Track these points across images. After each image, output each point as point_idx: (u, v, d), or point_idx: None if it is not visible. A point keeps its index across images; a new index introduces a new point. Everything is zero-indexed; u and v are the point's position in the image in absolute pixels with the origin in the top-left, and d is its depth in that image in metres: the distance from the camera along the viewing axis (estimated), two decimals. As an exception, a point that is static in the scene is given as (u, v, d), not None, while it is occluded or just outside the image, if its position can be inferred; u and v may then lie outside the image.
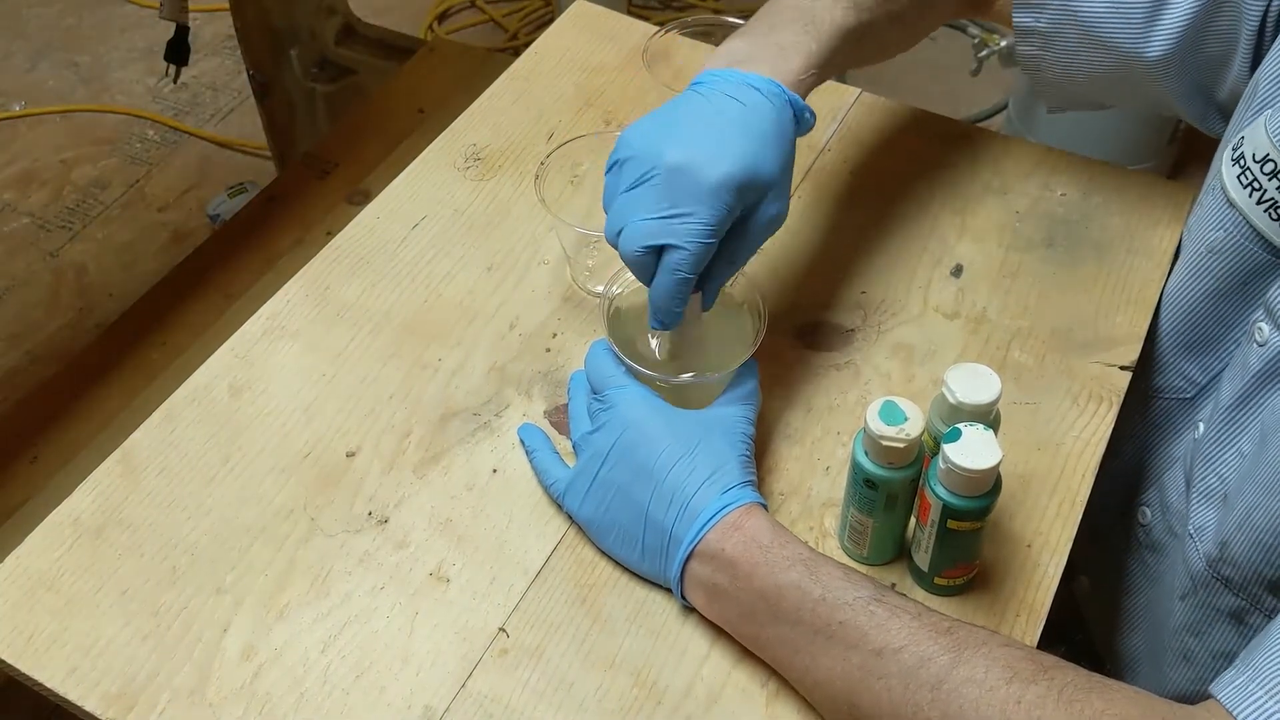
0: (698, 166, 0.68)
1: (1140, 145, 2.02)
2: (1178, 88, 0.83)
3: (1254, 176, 0.74)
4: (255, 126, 2.03)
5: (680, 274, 0.69)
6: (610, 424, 0.71)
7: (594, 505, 0.72)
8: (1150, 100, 0.87)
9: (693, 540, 0.67)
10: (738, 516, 0.67)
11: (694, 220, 0.68)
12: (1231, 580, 0.77)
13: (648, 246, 0.69)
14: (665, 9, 2.55)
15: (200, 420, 0.79)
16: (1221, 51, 0.80)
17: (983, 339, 0.85)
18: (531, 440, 0.77)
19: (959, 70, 2.03)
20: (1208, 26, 0.79)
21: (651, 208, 0.69)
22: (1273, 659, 0.57)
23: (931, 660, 0.59)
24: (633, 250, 0.69)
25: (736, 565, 0.66)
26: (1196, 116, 0.86)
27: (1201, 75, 0.82)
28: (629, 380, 0.73)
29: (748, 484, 0.69)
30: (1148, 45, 0.81)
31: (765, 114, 0.72)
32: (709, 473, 0.68)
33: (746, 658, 0.68)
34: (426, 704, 0.66)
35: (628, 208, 0.70)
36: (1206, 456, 0.79)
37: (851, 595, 0.62)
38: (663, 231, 0.68)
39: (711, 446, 0.70)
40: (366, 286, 0.88)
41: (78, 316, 1.98)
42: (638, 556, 0.70)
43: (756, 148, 0.70)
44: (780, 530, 0.67)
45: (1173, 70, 0.82)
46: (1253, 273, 0.76)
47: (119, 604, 0.70)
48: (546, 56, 1.07)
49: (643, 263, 0.70)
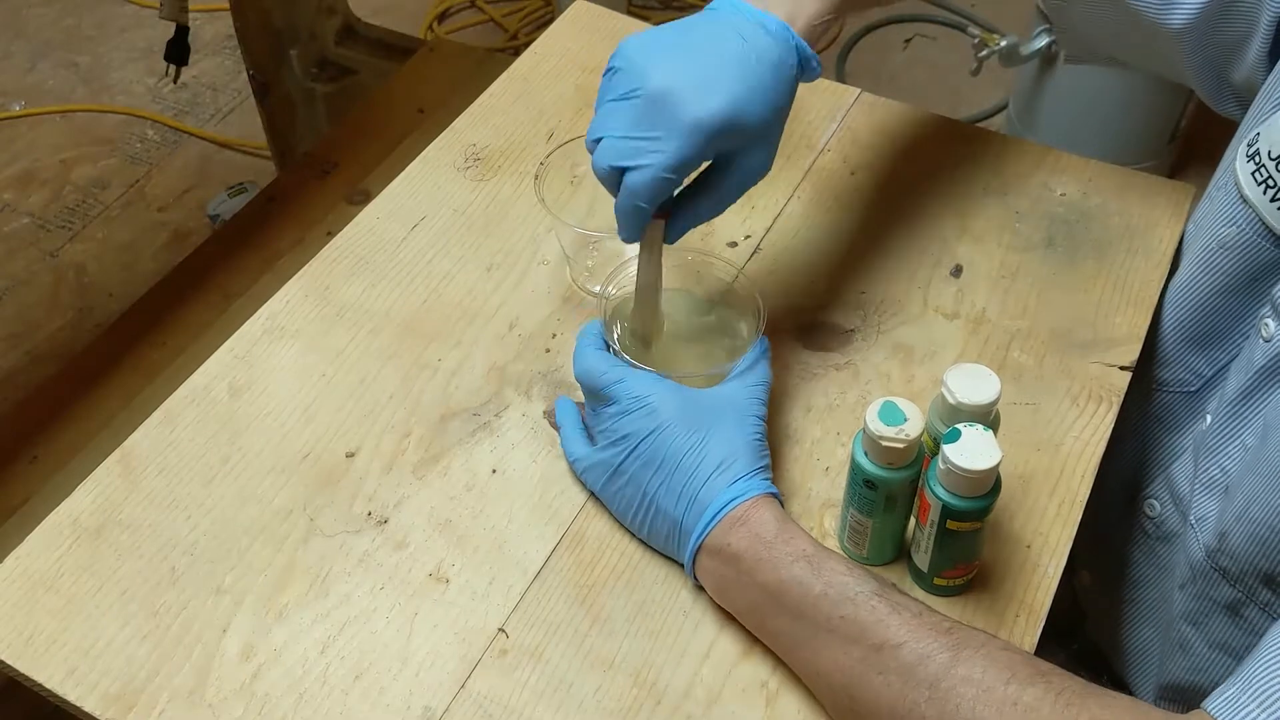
0: (678, 98, 0.67)
1: (1140, 145, 2.02)
2: (1194, 61, 0.83)
3: (1269, 174, 0.74)
4: (255, 126, 2.02)
5: (635, 201, 0.68)
6: (620, 416, 0.71)
7: (610, 491, 0.73)
8: (1168, 67, 0.87)
9: (700, 534, 0.67)
10: (744, 510, 0.67)
11: (659, 152, 0.67)
12: (1229, 571, 0.77)
13: (614, 166, 0.68)
14: (665, 9, 2.55)
15: (200, 420, 0.79)
16: (1242, 31, 0.79)
17: (982, 339, 0.85)
18: (562, 414, 0.78)
19: (959, 70, 2.03)
20: (1231, 3, 0.78)
21: (627, 126, 0.68)
22: (1264, 672, 0.57)
23: (930, 658, 0.59)
24: (601, 165, 0.69)
25: (741, 560, 0.66)
26: (1210, 94, 0.85)
27: (1219, 52, 0.82)
28: (628, 370, 0.73)
29: (757, 473, 0.69)
30: (1170, 14, 0.80)
31: (767, 57, 0.70)
32: (717, 463, 0.69)
33: (746, 658, 0.68)
34: (426, 704, 0.66)
35: (609, 119, 0.69)
36: (1211, 448, 0.79)
37: (853, 590, 0.63)
38: (628, 154, 0.68)
39: (722, 433, 0.70)
40: (366, 286, 0.88)
41: (78, 316, 1.98)
42: (653, 541, 0.72)
43: (747, 91, 0.68)
44: (786, 524, 0.67)
45: (1191, 42, 0.81)
46: (1262, 269, 0.76)
47: (118, 604, 0.70)
48: (546, 56, 1.07)
49: (609, 179, 0.69)
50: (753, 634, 0.69)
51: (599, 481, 0.73)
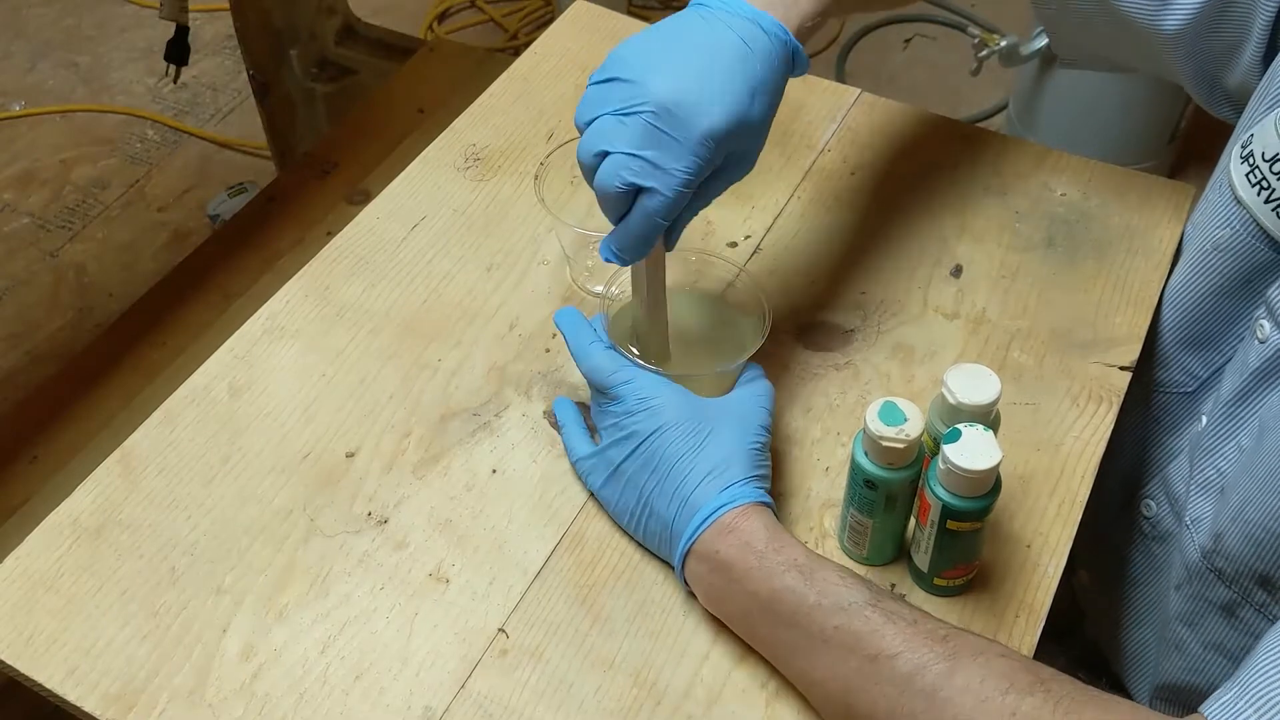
0: (689, 109, 0.66)
1: (1140, 145, 2.02)
2: (1188, 66, 0.83)
3: (1263, 175, 0.74)
4: (255, 126, 2.02)
5: (656, 219, 0.67)
6: (625, 415, 0.71)
7: (609, 491, 0.73)
8: (1163, 70, 0.87)
9: (690, 537, 0.67)
10: (733, 518, 0.66)
11: (675, 169, 0.66)
12: (1224, 572, 0.77)
13: (628, 183, 0.66)
14: (665, 9, 2.55)
15: (199, 420, 0.79)
16: (1234, 37, 0.79)
17: (982, 339, 0.85)
18: (563, 414, 0.78)
19: (959, 70, 2.03)
20: (1224, 10, 0.78)
21: (637, 142, 0.66)
22: (1260, 677, 0.57)
23: (927, 668, 0.59)
24: (612, 183, 0.66)
25: (731, 568, 0.66)
26: (1204, 97, 0.85)
27: (1212, 57, 0.82)
28: (636, 371, 0.72)
29: (751, 480, 0.68)
30: (1163, 20, 0.80)
31: (764, 58, 0.69)
32: (710, 468, 0.68)
33: (746, 658, 0.68)
34: (426, 704, 0.66)
35: (612, 133, 0.67)
36: (1206, 449, 0.79)
37: (847, 600, 0.62)
38: (645, 173, 0.66)
39: (721, 439, 0.69)
40: (366, 286, 0.88)
41: (78, 316, 1.98)
42: (649, 543, 0.72)
43: (750, 94, 0.68)
44: (776, 533, 0.66)
45: (1184, 47, 0.81)
46: (1257, 270, 0.76)
47: (118, 604, 0.70)
48: (546, 56, 1.07)
49: (619, 196, 0.67)
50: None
51: (599, 480, 0.73)
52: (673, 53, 0.68)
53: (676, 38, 0.69)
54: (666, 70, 0.67)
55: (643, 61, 0.68)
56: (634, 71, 0.67)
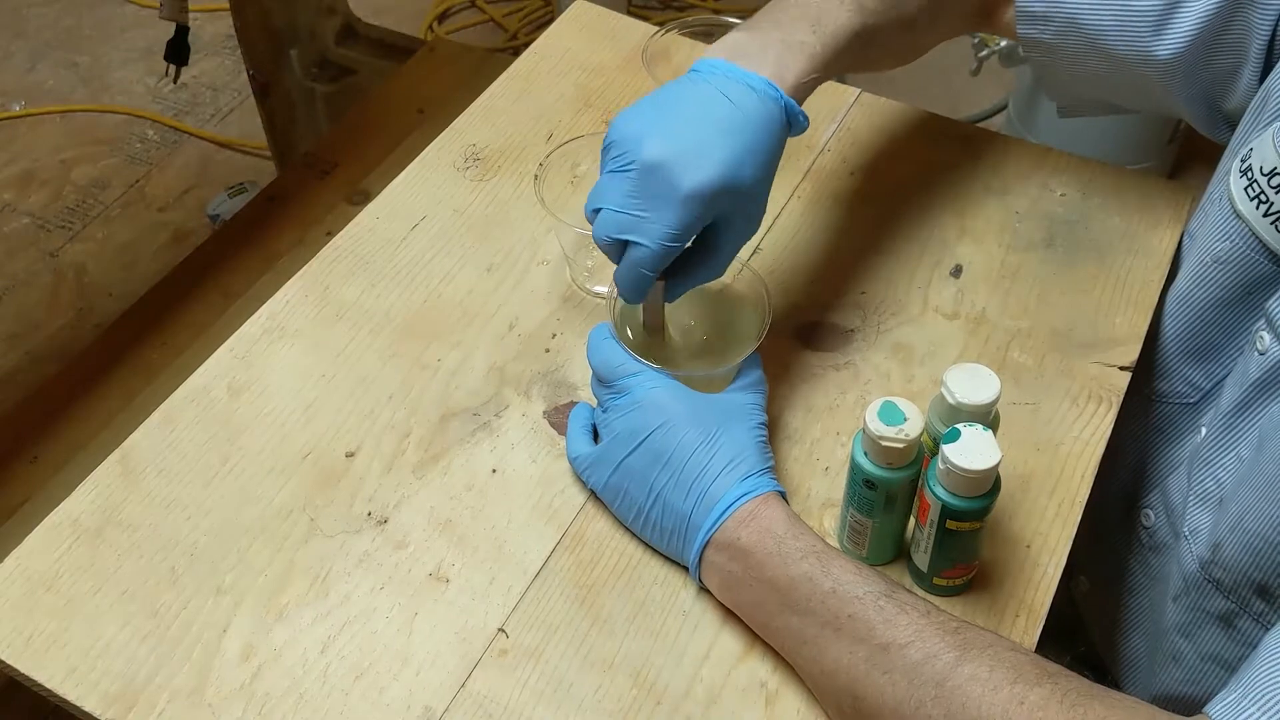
0: (673, 168, 0.68)
1: (1140, 145, 2.02)
2: (1184, 97, 0.83)
3: (1261, 189, 0.74)
4: (255, 126, 2.02)
5: (641, 269, 0.70)
6: (630, 409, 0.71)
7: (615, 487, 0.72)
8: (1159, 105, 0.87)
9: (710, 528, 0.68)
10: (754, 506, 0.67)
11: (660, 224, 0.69)
12: (1222, 583, 0.77)
13: (614, 238, 0.70)
14: (665, 9, 2.55)
15: (199, 421, 0.79)
16: (1231, 63, 0.79)
17: (982, 339, 0.85)
18: (575, 415, 0.78)
19: (959, 70, 2.03)
20: (1216, 39, 0.78)
21: (624, 200, 0.70)
22: (1265, 676, 0.57)
23: (937, 657, 0.59)
24: (601, 236, 0.71)
25: (750, 555, 0.66)
26: (1203, 123, 0.85)
27: (1209, 86, 0.82)
28: (642, 366, 0.73)
29: (766, 471, 0.70)
30: (1153, 57, 0.80)
31: (756, 118, 0.71)
32: (728, 460, 0.69)
33: (746, 658, 0.68)
34: (426, 704, 0.66)
35: (606, 192, 0.71)
36: (1206, 460, 0.79)
37: (862, 589, 0.63)
38: (629, 227, 0.69)
39: (731, 433, 0.70)
40: (366, 286, 0.88)
41: (78, 316, 1.98)
42: (656, 538, 0.72)
43: (739, 155, 0.70)
44: (795, 521, 0.67)
45: (1179, 80, 0.81)
46: (1256, 283, 0.77)
47: (118, 604, 0.70)
48: (546, 56, 1.07)
49: (610, 249, 0.71)
50: (755, 632, 0.69)
51: (603, 478, 0.73)
52: (664, 117, 0.71)
53: (669, 102, 0.72)
54: (655, 133, 0.70)
55: (636, 126, 0.71)
56: (626, 135, 0.71)
